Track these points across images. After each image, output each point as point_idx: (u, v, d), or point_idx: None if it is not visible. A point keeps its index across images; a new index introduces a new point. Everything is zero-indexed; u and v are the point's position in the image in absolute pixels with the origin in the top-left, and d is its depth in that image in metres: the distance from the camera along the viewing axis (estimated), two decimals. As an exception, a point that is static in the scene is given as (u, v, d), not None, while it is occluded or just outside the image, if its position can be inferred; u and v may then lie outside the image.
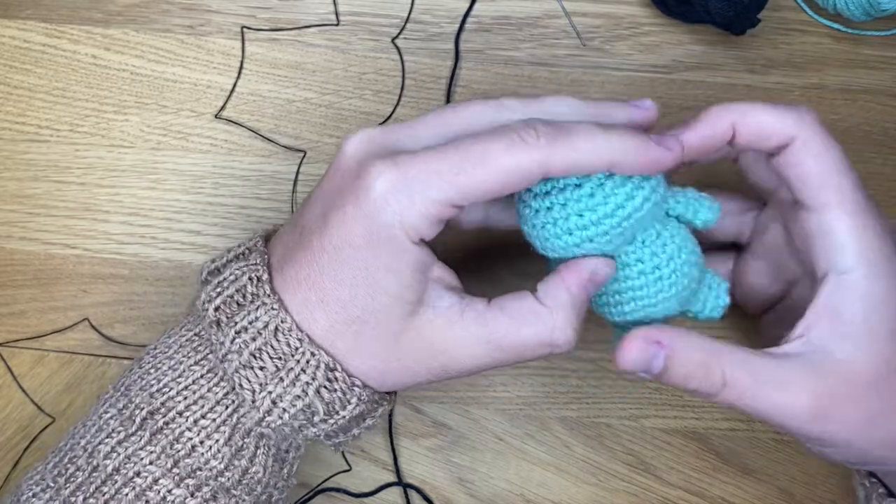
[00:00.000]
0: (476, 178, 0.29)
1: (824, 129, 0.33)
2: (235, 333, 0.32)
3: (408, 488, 0.44)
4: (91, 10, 0.47)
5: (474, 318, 0.32)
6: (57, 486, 0.32)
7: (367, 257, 0.30)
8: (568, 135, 0.29)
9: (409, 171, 0.29)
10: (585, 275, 0.33)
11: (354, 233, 0.30)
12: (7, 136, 0.46)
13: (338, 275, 0.31)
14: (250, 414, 0.32)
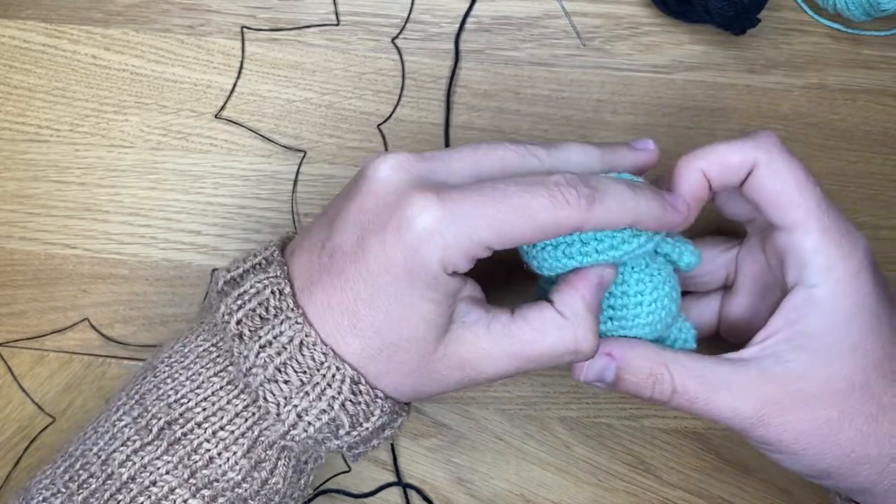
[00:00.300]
0: (517, 228, 0.30)
1: (785, 150, 0.35)
2: (260, 348, 0.32)
3: (407, 488, 0.44)
4: (91, 10, 0.47)
5: (500, 331, 0.33)
6: (69, 491, 0.32)
7: (405, 286, 0.31)
8: (603, 198, 0.31)
9: (455, 209, 0.30)
10: (595, 280, 0.34)
11: (394, 262, 0.30)
12: (7, 136, 0.46)
13: (373, 301, 0.31)
14: (274, 427, 0.32)
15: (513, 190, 0.30)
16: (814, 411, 0.33)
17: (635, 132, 0.46)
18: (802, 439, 0.33)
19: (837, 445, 0.33)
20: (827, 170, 0.46)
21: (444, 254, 0.30)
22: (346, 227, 0.32)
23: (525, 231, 0.30)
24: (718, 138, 0.46)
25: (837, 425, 0.33)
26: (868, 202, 0.46)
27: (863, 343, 0.33)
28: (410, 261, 0.30)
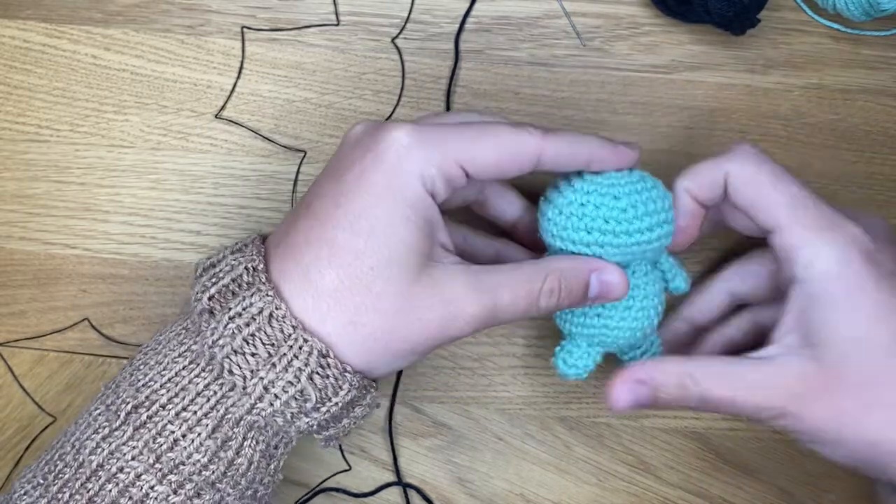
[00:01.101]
0: (486, 150, 0.33)
1: (756, 156, 0.36)
2: (229, 319, 0.32)
3: (407, 488, 0.44)
4: (91, 10, 0.47)
5: (477, 275, 0.34)
6: (46, 483, 0.32)
7: (387, 206, 0.32)
8: (558, 133, 0.35)
9: (427, 132, 0.33)
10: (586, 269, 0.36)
11: (374, 182, 0.32)
12: (7, 136, 0.46)
13: (353, 225, 0.32)
14: (240, 402, 0.32)
15: (479, 122, 0.34)
16: (832, 402, 0.34)
17: (635, 132, 0.46)
18: (829, 429, 0.34)
19: (863, 434, 0.34)
20: (827, 170, 0.46)
21: (422, 166, 0.32)
22: (324, 179, 0.34)
23: (493, 153, 0.33)
24: (718, 138, 0.47)
25: (858, 414, 0.33)
26: (868, 202, 0.46)
27: (869, 330, 0.33)
28: (390, 176, 0.32)
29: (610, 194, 0.37)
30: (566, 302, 0.36)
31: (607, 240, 0.36)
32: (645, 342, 0.41)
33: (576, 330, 0.39)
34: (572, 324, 0.39)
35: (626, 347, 0.40)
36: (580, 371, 0.39)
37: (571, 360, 0.39)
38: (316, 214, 0.33)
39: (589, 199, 0.37)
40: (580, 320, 0.39)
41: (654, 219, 0.37)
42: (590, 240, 0.37)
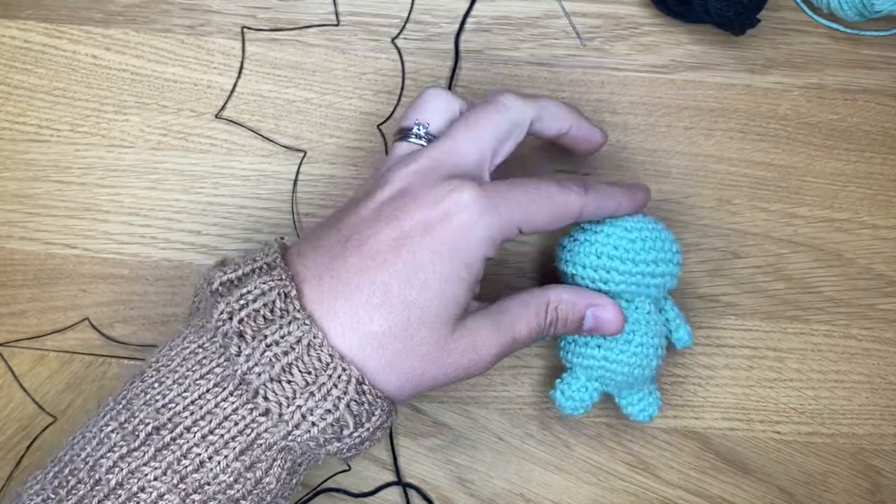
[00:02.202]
0: (541, 213, 0.35)
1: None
2: (266, 347, 0.32)
3: (407, 488, 0.44)
4: (91, 10, 0.47)
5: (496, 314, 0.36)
6: (58, 497, 0.32)
7: (446, 265, 0.33)
8: (595, 187, 0.38)
9: (493, 195, 0.34)
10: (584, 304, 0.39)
11: (440, 240, 0.33)
12: (7, 136, 0.46)
13: (410, 277, 0.33)
14: (275, 428, 0.32)
15: (533, 182, 0.36)
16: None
17: (635, 132, 0.46)
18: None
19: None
20: (827, 170, 0.46)
21: (488, 233, 0.34)
22: (377, 219, 0.34)
23: (544, 212, 0.36)
24: (718, 138, 0.47)
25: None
26: (868, 202, 0.46)
27: None
28: (458, 239, 0.33)
29: (622, 226, 0.40)
30: (563, 330, 0.39)
31: (614, 265, 0.39)
32: (643, 388, 0.42)
33: (576, 361, 0.41)
34: (574, 354, 0.41)
35: (624, 387, 0.41)
36: (577, 405, 0.41)
37: (569, 391, 0.41)
38: (372, 255, 0.33)
39: (602, 229, 0.40)
40: (581, 350, 0.41)
41: (659, 254, 0.40)
42: (598, 264, 0.40)
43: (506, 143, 0.37)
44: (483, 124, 0.36)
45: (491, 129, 0.37)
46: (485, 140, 0.36)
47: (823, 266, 0.46)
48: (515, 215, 0.35)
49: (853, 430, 0.45)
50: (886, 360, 0.45)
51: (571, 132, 0.40)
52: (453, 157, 0.36)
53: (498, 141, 0.37)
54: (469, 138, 0.36)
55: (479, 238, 0.34)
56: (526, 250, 0.46)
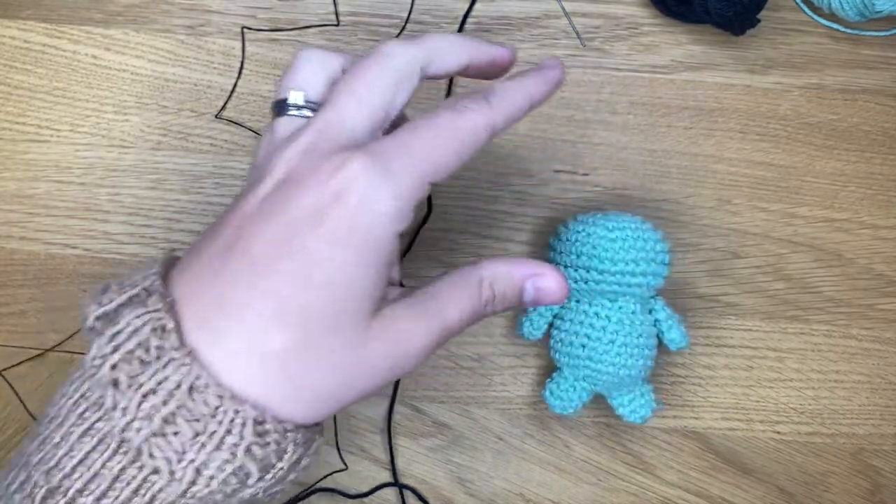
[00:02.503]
0: (449, 151, 0.30)
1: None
2: (142, 398, 0.28)
3: (403, 489, 0.44)
4: (91, 10, 0.47)
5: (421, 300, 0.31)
6: None
7: (348, 253, 0.28)
8: (496, 90, 0.32)
9: (387, 158, 0.29)
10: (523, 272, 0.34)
11: (335, 226, 0.28)
12: (7, 136, 0.46)
13: (306, 278, 0.28)
14: (170, 487, 0.28)
15: (424, 121, 0.31)
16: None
17: (635, 132, 0.46)
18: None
19: None
20: (827, 170, 0.46)
21: (392, 204, 0.29)
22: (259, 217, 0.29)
23: (451, 151, 0.30)
24: (718, 138, 0.47)
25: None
26: (868, 202, 0.46)
27: None
28: (354, 219, 0.28)
29: (604, 226, 0.40)
30: (502, 309, 0.34)
31: (593, 264, 0.40)
32: (634, 389, 0.42)
33: (564, 360, 0.42)
34: (561, 354, 0.42)
35: (613, 387, 0.41)
36: (566, 404, 0.42)
37: (558, 391, 0.42)
38: (259, 261, 0.28)
39: (584, 229, 0.41)
40: (567, 350, 0.41)
41: (640, 254, 0.40)
42: (578, 263, 0.40)
43: (397, 97, 0.32)
44: (368, 82, 0.31)
45: (378, 86, 0.31)
46: (372, 99, 0.31)
47: (823, 266, 0.46)
48: (419, 169, 0.29)
49: (853, 430, 0.45)
50: (886, 360, 0.45)
51: (472, 63, 0.34)
52: (339, 127, 0.31)
53: (387, 97, 0.31)
54: (354, 101, 0.31)
55: (382, 212, 0.29)
56: (526, 250, 0.46)
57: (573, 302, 0.42)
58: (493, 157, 0.46)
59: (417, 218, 0.46)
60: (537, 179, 0.46)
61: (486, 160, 0.46)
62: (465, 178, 0.46)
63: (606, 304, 0.41)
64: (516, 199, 0.46)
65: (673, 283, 0.45)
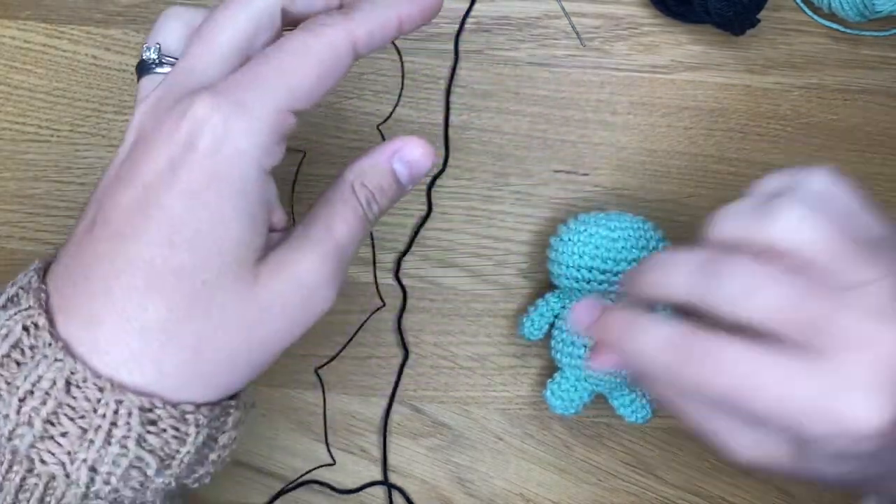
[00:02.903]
0: (308, 73, 0.28)
1: None
2: (19, 402, 0.26)
3: (392, 488, 0.44)
4: (91, 10, 0.47)
5: (305, 231, 0.29)
6: None
7: (213, 203, 0.26)
8: (362, 8, 0.29)
9: (235, 91, 0.27)
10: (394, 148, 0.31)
11: (192, 176, 0.26)
12: (7, 136, 0.46)
13: (172, 237, 0.26)
14: (70, 491, 0.26)
15: (276, 47, 0.28)
16: None
17: (635, 132, 0.46)
18: None
19: None
20: (826, 170, 0.46)
21: (250, 140, 0.26)
22: (118, 183, 0.27)
23: (311, 72, 0.28)
24: (718, 138, 0.47)
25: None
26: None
27: None
28: (212, 163, 0.26)
29: (607, 227, 0.40)
30: (387, 201, 0.31)
31: (595, 264, 0.40)
32: (636, 390, 0.42)
33: (565, 360, 0.41)
34: (563, 354, 0.41)
35: (615, 388, 0.41)
36: (567, 405, 0.42)
37: (560, 391, 0.42)
38: (118, 231, 0.26)
39: (586, 229, 0.41)
40: (569, 350, 0.41)
41: (642, 254, 0.40)
42: (580, 263, 0.40)
43: (256, 37, 0.29)
44: (221, 28, 0.29)
45: (231, 30, 0.29)
46: (224, 44, 0.28)
47: (823, 266, 0.46)
48: (275, 98, 0.27)
49: (853, 431, 0.45)
50: (886, 361, 0.45)
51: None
52: (189, 77, 0.28)
53: (241, 39, 0.29)
54: (206, 49, 0.28)
55: (242, 150, 0.26)
56: (526, 250, 0.46)
57: (575, 302, 0.42)
58: (493, 157, 0.46)
59: (418, 217, 0.46)
60: (537, 179, 0.46)
61: (486, 160, 0.46)
62: (465, 178, 0.46)
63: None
64: (516, 199, 0.46)
65: (673, 283, 0.45)
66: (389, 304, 0.45)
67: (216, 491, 0.43)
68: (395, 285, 0.45)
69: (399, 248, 0.46)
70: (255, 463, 0.44)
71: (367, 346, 0.45)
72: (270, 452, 0.44)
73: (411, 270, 0.45)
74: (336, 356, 0.45)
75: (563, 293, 0.42)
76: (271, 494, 0.43)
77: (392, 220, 0.46)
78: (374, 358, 0.45)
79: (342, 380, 0.45)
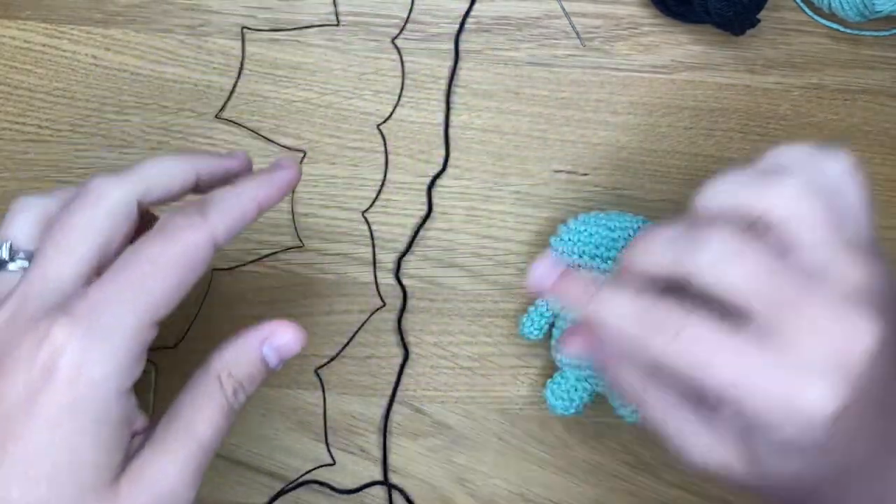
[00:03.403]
0: (168, 280, 0.27)
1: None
2: None
3: (392, 488, 0.44)
4: (91, 10, 0.47)
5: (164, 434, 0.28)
6: None
7: (69, 434, 0.26)
8: (217, 205, 0.29)
9: (95, 312, 0.26)
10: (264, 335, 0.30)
11: (52, 409, 0.26)
12: (7, 136, 0.46)
13: (28, 472, 0.25)
14: None
15: (132, 256, 0.28)
16: None
17: (635, 132, 0.46)
18: None
19: None
20: (826, 170, 0.46)
21: (110, 367, 0.26)
22: None
23: (171, 280, 0.27)
24: (718, 138, 0.47)
25: None
26: (868, 202, 0.46)
27: None
28: (74, 398, 0.26)
29: (607, 227, 0.41)
30: (255, 387, 0.30)
31: (595, 264, 0.41)
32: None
33: (565, 361, 0.42)
34: (562, 353, 0.42)
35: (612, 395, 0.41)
36: (567, 405, 0.42)
37: (559, 391, 0.42)
38: None
39: (586, 229, 0.41)
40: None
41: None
42: (580, 263, 0.41)
43: (113, 238, 0.28)
44: (73, 228, 0.28)
45: (86, 232, 0.28)
46: (79, 248, 0.28)
47: (823, 266, 0.46)
48: (136, 316, 0.27)
49: (853, 431, 0.45)
50: (886, 360, 0.45)
51: (203, 178, 0.31)
52: (45, 285, 0.27)
53: (98, 241, 0.28)
54: (59, 253, 0.28)
55: (101, 378, 0.26)
56: (526, 250, 0.46)
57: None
58: (493, 157, 0.46)
59: (418, 217, 0.46)
60: (537, 179, 0.46)
61: (486, 160, 0.46)
62: (465, 178, 0.46)
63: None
64: (516, 199, 0.46)
65: (673, 283, 0.45)
66: (389, 304, 0.45)
67: (216, 491, 0.44)
68: (395, 285, 0.45)
69: (399, 248, 0.46)
70: (255, 463, 0.44)
71: (367, 346, 0.45)
72: (270, 452, 0.44)
73: (411, 270, 0.45)
74: (336, 356, 0.45)
75: None
76: (271, 494, 0.44)
77: (392, 220, 0.46)
78: (374, 358, 0.45)
79: (342, 380, 0.45)
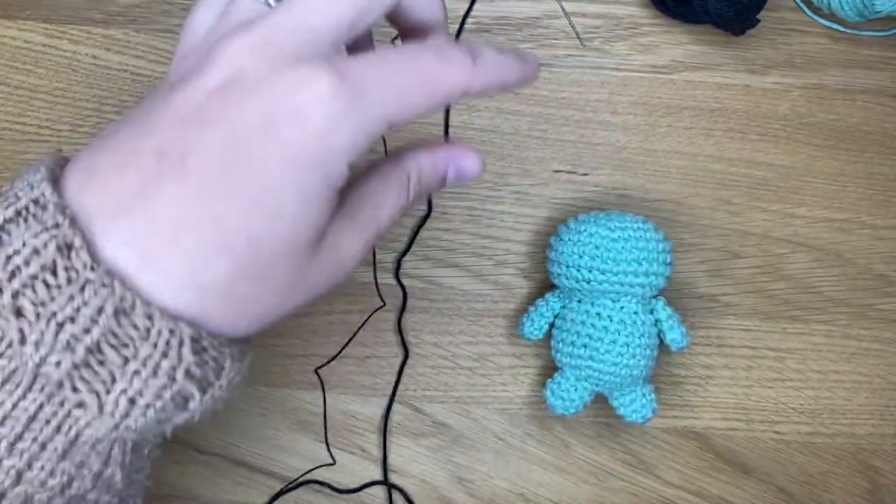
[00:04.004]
0: (420, 96, 0.27)
1: None
2: (58, 327, 0.24)
3: (392, 488, 0.44)
4: (91, 10, 0.47)
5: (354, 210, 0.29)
6: None
7: (303, 183, 0.25)
8: (481, 57, 0.29)
9: (361, 84, 0.26)
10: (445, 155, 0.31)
11: (290, 148, 0.25)
12: (7, 137, 0.46)
13: (255, 205, 0.25)
14: (97, 422, 0.25)
15: (403, 55, 0.27)
16: None
17: (635, 132, 0.46)
18: None
19: None
20: (827, 170, 0.46)
21: (354, 140, 0.26)
22: (203, 118, 0.25)
23: (422, 97, 0.27)
24: (718, 138, 0.47)
25: None
26: (868, 202, 0.46)
27: None
28: (315, 149, 0.25)
29: (607, 227, 0.41)
30: (423, 197, 0.33)
31: (595, 264, 0.40)
32: (636, 389, 0.42)
33: (565, 361, 0.42)
34: (563, 354, 0.42)
35: (615, 388, 0.41)
36: (567, 405, 0.42)
37: (560, 391, 0.42)
38: (198, 176, 0.25)
39: (586, 229, 0.41)
40: (569, 350, 0.41)
41: (643, 254, 0.40)
42: (580, 263, 0.40)
43: (367, 14, 0.28)
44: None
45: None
46: (343, 6, 0.27)
47: (823, 266, 0.46)
48: (387, 108, 0.26)
49: (853, 430, 0.45)
50: (886, 360, 0.45)
51: (434, 30, 0.32)
52: (302, 29, 0.26)
53: (356, 10, 0.27)
54: (324, 3, 0.27)
55: (343, 146, 0.26)
56: (526, 250, 0.46)
57: (575, 302, 0.42)
58: (494, 157, 0.46)
59: (418, 217, 0.46)
60: (537, 179, 0.46)
61: (486, 160, 0.46)
62: (464, 178, 0.46)
63: (608, 304, 0.41)
64: (516, 199, 0.46)
65: (673, 284, 0.45)
66: (389, 304, 0.45)
67: (216, 491, 0.44)
68: (395, 285, 0.45)
69: (399, 248, 0.46)
70: (255, 463, 0.44)
71: (367, 346, 0.45)
72: (270, 452, 0.44)
73: (411, 270, 0.45)
74: (336, 356, 0.45)
75: (563, 293, 0.42)
76: (271, 494, 0.44)
77: (392, 220, 0.46)
78: (374, 358, 0.45)
79: (342, 380, 0.45)
